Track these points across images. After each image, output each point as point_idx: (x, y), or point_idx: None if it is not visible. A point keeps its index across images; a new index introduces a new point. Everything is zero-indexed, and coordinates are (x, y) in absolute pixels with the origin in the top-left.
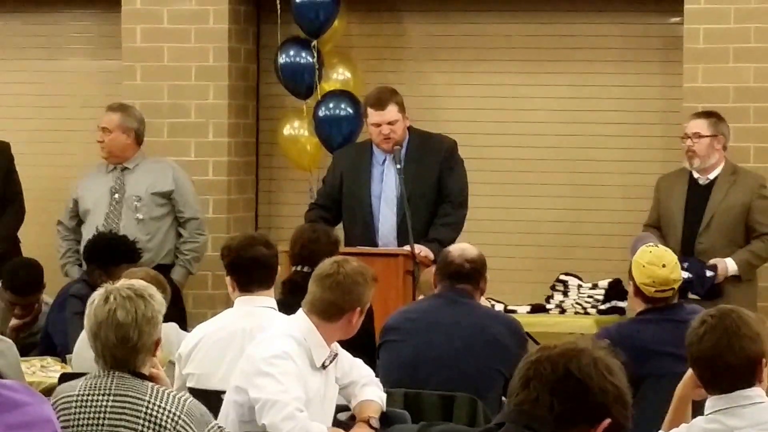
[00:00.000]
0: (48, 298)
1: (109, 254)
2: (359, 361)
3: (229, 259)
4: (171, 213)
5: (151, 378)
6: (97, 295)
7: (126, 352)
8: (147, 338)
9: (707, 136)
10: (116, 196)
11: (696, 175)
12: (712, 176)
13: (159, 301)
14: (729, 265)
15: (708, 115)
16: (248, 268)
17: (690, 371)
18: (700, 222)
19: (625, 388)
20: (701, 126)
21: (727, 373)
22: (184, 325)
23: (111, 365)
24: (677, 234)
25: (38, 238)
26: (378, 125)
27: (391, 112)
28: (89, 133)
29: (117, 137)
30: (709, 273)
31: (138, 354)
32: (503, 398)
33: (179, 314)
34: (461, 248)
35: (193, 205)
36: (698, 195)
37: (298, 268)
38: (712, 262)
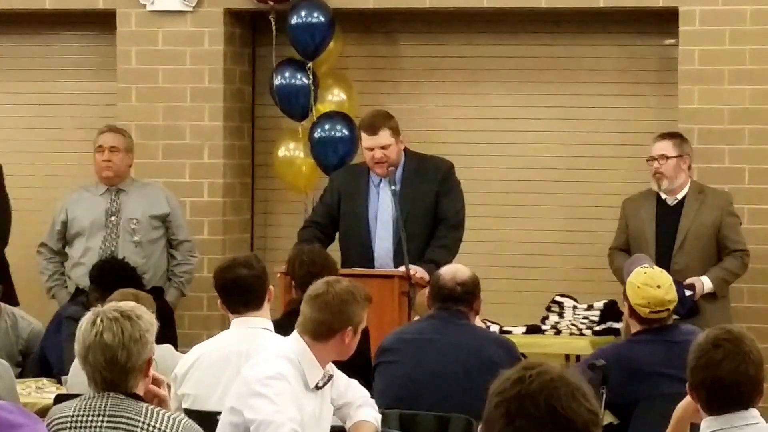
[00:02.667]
0: (32, 318)
1: (117, 280)
2: (355, 383)
3: (214, 282)
4: (164, 236)
5: (154, 397)
6: (84, 320)
7: (116, 373)
8: (136, 358)
9: (673, 157)
10: (113, 218)
11: (664, 196)
12: (680, 196)
13: (147, 321)
14: (705, 283)
15: (672, 136)
16: (230, 291)
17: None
18: (673, 242)
19: (599, 409)
20: (666, 147)
21: (738, 396)
22: (175, 347)
23: (102, 387)
24: (651, 255)
25: (32, 261)
26: (371, 149)
27: (384, 136)
28: (85, 154)
29: (124, 158)
30: (687, 292)
31: (128, 375)
32: None
33: (171, 336)
34: (453, 270)
35: (185, 228)
36: (668, 216)
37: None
38: (689, 281)
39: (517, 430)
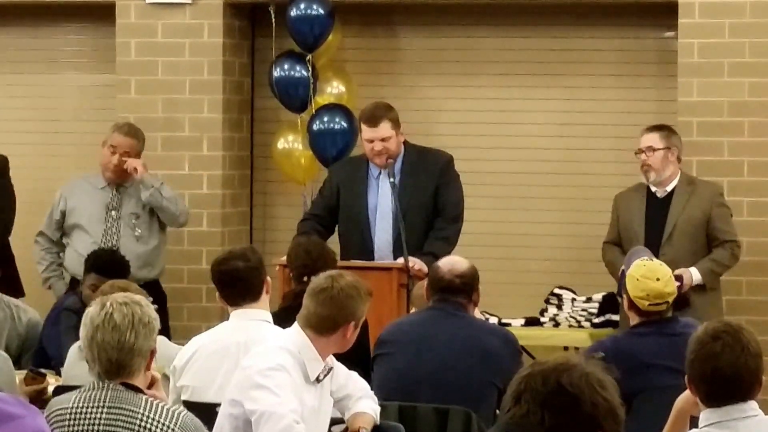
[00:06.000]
0: (30, 308)
1: (113, 267)
2: (355, 375)
3: (212, 275)
4: (164, 229)
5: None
6: (93, 304)
7: (123, 354)
8: (143, 341)
9: (660, 149)
10: (113, 213)
11: (653, 188)
12: (669, 188)
13: (154, 312)
14: (693, 275)
15: (660, 128)
16: (226, 283)
17: None
18: (661, 234)
19: (617, 402)
20: (654, 140)
21: (737, 388)
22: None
23: (107, 369)
24: None
25: (31, 253)
26: (371, 141)
27: (384, 128)
28: (84, 146)
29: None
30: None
31: (134, 357)
32: (497, 411)
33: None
34: (451, 263)
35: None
36: (657, 208)
37: (304, 279)
38: (676, 272)
39: (521, 407)
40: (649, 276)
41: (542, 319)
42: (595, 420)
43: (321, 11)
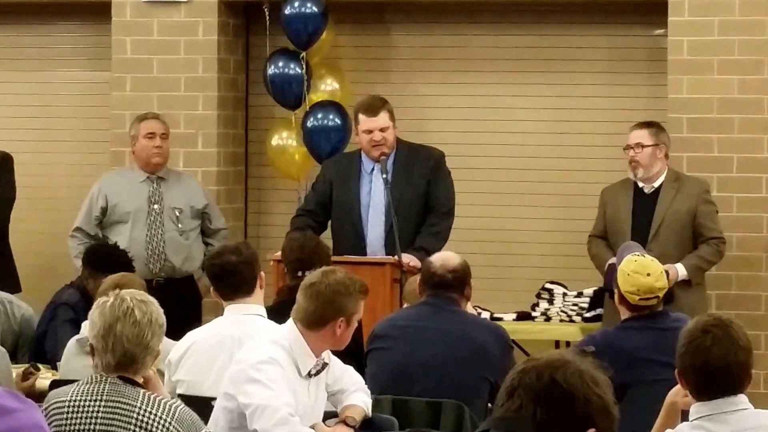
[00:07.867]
0: (24, 303)
1: (110, 264)
2: (351, 369)
3: (206, 270)
4: (199, 226)
5: (145, 382)
6: (111, 296)
7: (139, 350)
8: (156, 341)
9: (649, 146)
10: (156, 207)
11: (641, 184)
12: (656, 184)
13: (163, 314)
14: (679, 270)
15: (648, 125)
16: (220, 277)
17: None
18: (648, 230)
19: (611, 400)
20: (642, 136)
21: (727, 381)
22: None
23: (119, 361)
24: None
25: (28, 247)
26: (370, 131)
27: (383, 118)
28: (79, 143)
29: (168, 144)
30: None
31: (147, 355)
32: (489, 405)
33: (197, 321)
34: (443, 258)
35: (221, 217)
36: (645, 203)
37: (299, 274)
38: (663, 268)
39: (514, 402)
40: (640, 271)
41: (534, 314)
42: (588, 417)
43: (315, 9)
